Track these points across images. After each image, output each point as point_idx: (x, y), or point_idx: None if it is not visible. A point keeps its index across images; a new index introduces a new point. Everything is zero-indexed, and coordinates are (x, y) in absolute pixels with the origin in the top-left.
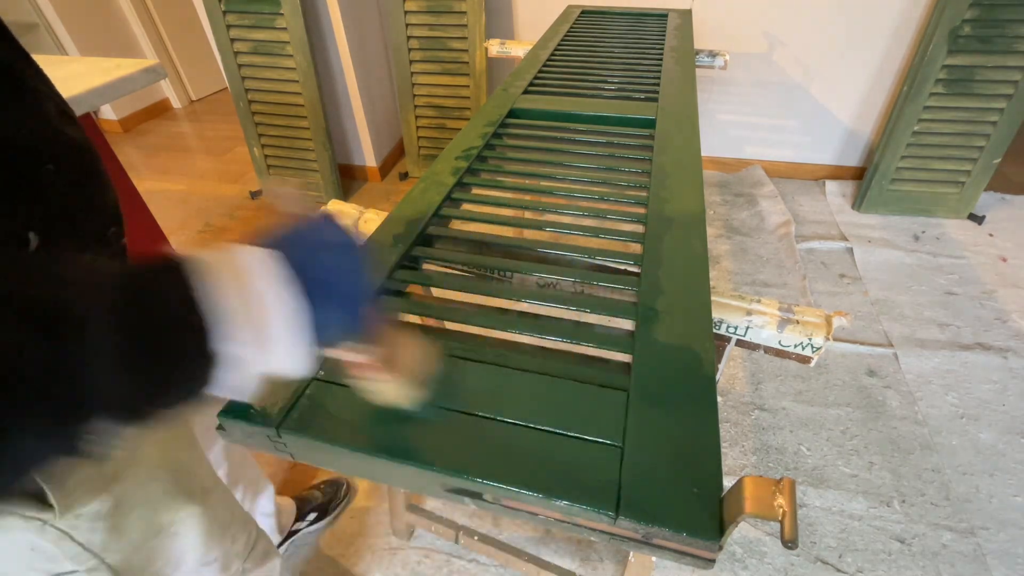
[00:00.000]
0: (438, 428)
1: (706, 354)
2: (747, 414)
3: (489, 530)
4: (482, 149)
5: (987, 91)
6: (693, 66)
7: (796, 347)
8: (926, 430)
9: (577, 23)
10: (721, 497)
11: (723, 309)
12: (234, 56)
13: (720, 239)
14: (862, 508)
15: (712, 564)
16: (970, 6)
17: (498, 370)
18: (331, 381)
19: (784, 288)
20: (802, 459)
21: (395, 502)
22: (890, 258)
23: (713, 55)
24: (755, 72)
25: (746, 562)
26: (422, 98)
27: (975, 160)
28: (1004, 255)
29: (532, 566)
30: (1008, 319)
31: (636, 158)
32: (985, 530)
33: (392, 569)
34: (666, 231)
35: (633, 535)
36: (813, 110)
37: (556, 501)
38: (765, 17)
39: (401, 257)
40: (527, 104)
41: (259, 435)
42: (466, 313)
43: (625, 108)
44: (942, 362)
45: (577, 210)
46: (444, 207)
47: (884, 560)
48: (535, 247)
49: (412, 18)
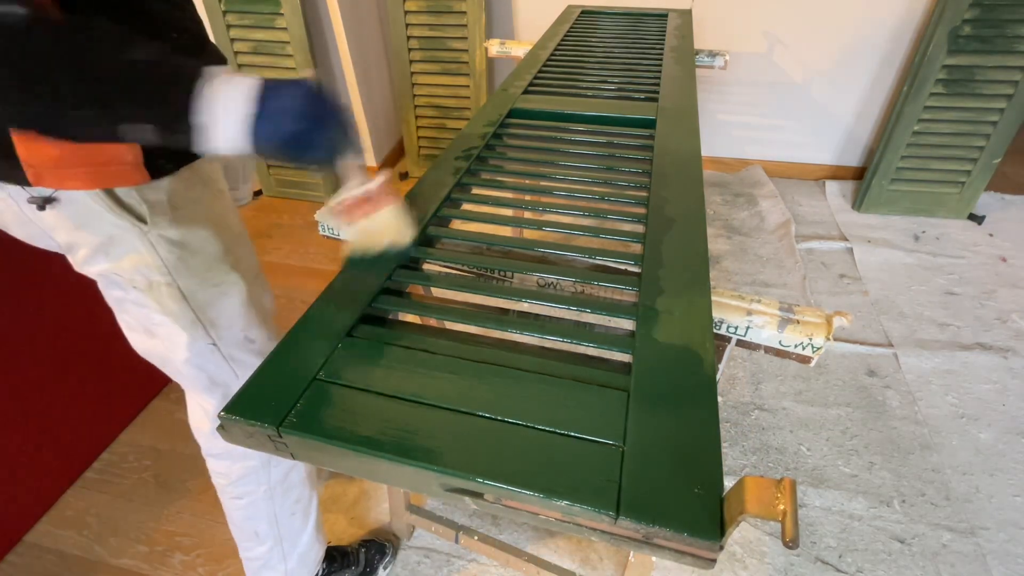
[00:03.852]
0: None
1: (706, 354)
2: (747, 414)
3: (489, 530)
4: (482, 149)
5: (987, 91)
6: (693, 66)
7: (796, 347)
8: (926, 430)
9: (577, 23)
10: (722, 497)
11: (723, 309)
12: (234, 56)
13: (720, 239)
14: (862, 508)
15: (713, 564)
16: (970, 6)
17: (498, 370)
18: (332, 381)
19: (784, 288)
20: (802, 459)
21: (395, 502)
22: (890, 258)
23: (713, 55)
24: (755, 72)
25: (746, 562)
26: (422, 98)
27: (975, 160)
28: (1004, 255)
29: (532, 566)
30: (1008, 319)
31: (636, 158)
32: (985, 530)
33: (392, 569)
34: (666, 231)
35: (634, 535)
36: (813, 110)
37: (556, 501)
38: (765, 17)
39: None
40: (527, 104)
41: (260, 434)
42: (466, 313)
43: (625, 108)
44: (942, 362)
45: (577, 210)
46: (444, 207)
47: (884, 560)
48: (535, 247)
49: (412, 18)
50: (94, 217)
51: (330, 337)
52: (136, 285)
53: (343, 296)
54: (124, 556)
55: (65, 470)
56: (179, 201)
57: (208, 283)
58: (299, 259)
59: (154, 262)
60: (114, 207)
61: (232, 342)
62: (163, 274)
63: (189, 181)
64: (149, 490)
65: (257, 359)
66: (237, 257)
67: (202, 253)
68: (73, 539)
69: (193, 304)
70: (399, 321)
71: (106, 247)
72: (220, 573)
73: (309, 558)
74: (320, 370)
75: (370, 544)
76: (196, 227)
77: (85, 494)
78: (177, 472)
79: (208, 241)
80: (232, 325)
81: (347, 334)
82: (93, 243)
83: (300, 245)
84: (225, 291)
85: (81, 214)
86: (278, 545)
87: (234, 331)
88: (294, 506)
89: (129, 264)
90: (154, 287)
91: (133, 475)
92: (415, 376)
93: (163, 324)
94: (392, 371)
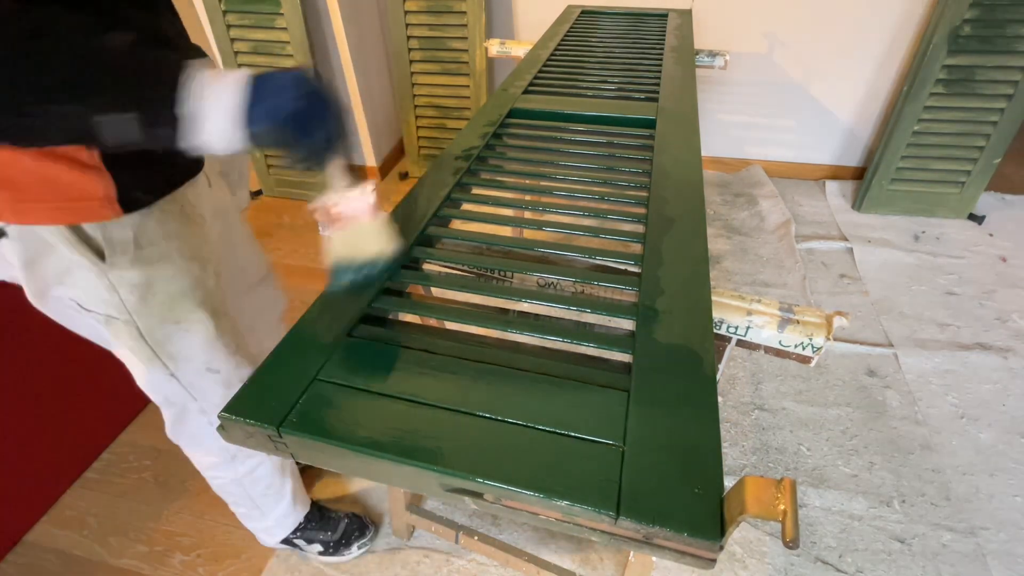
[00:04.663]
0: (438, 428)
1: (706, 354)
2: (747, 414)
3: (489, 530)
4: (482, 149)
5: (987, 91)
6: (693, 66)
7: (796, 347)
8: (926, 430)
9: (577, 23)
10: (722, 497)
11: (723, 309)
12: (234, 56)
13: (720, 239)
14: (862, 508)
15: (713, 564)
16: (970, 6)
17: (498, 370)
18: (331, 381)
19: (784, 288)
20: (802, 459)
21: (395, 502)
22: (890, 258)
23: (713, 55)
24: (755, 72)
25: (746, 562)
26: (422, 98)
27: (975, 160)
28: (1004, 255)
29: (532, 566)
30: (1008, 319)
31: (636, 158)
32: (985, 530)
33: (392, 569)
34: (666, 231)
35: (634, 535)
36: (813, 110)
37: (556, 501)
38: (765, 17)
39: (401, 257)
40: (527, 104)
41: (260, 435)
42: (466, 313)
43: (625, 108)
44: (942, 362)
45: (577, 210)
46: (444, 207)
47: (884, 560)
48: (535, 247)
49: (412, 18)
50: (47, 251)
51: (330, 337)
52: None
53: (343, 296)
54: (124, 556)
55: (65, 470)
56: (148, 239)
57: (169, 321)
58: (299, 259)
59: (112, 300)
60: (72, 239)
61: (192, 372)
62: (120, 312)
63: (166, 214)
64: (149, 490)
65: (221, 388)
66: (209, 291)
67: (165, 292)
68: (73, 539)
69: (151, 341)
70: (399, 321)
71: (61, 277)
72: (220, 573)
73: (287, 521)
74: (320, 370)
75: (353, 518)
76: (162, 265)
77: (85, 494)
78: (177, 472)
79: (173, 280)
80: (193, 359)
81: (347, 334)
82: (45, 277)
83: (300, 245)
84: (188, 328)
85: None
86: (255, 509)
87: (195, 364)
88: (266, 490)
89: (85, 296)
90: (110, 322)
91: (133, 475)
92: (415, 376)
93: (119, 350)
94: (392, 371)
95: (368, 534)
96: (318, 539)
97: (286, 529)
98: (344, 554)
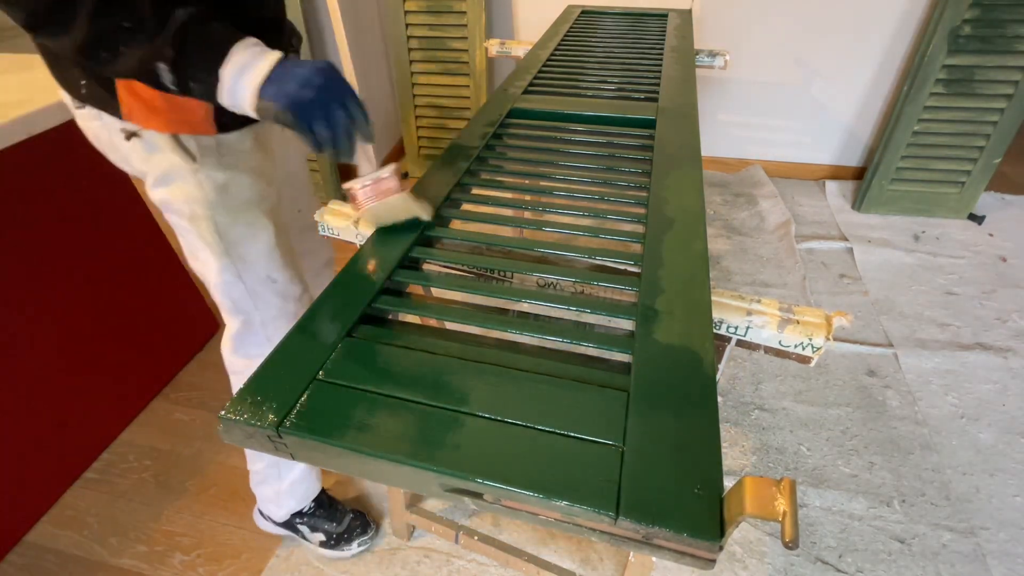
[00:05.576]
0: (438, 428)
1: (706, 354)
2: (747, 414)
3: (489, 530)
4: (482, 149)
5: (987, 91)
6: (693, 66)
7: (796, 347)
8: (926, 430)
9: (577, 23)
10: (722, 497)
11: (723, 309)
12: None
13: (720, 239)
14: (862, 508)
15: (713, 564)
16: (970, 6)
17: (498, 370)
18: (331, 381)
19: (784, 288)
20: (802, 459)
21: (395, 502)
22: (890, 258)
23: (713, 55)
24: (755, 72)
25: (746, 562)
26: (422, 98)
27: (975, 160)
28: (1004, 255)
29: (532, 566)
30: (1008, 319)
31: (636, 158)
32: (985, 530)
33: (392, 569)
34: (666, 231)
35: (634, 535)
36: (813, 110)
37: (556, 501)
38: (765, 17)
39: (401, 257)
40: (527, 104)
41: (260, 435)
42: (466, 313)
43: (625, 108)
44: (942, 362)
45: (577, 210)
46: (444, 207)
47: (884, 560)
48: (535, 247)
49: (412, 18)
50: (158, 151)
51: (330, 337)
52: (184, 215)
53: (343, 296)
54: (124, 556)
55: (65, 470)
56: (227, 149)
57: (240, 222)
58: None
59: (199, 196)
60: (174, 146)
61: (255, 278)
62: (204, 207)
63: (243, 137)
64: (149, 490)
65: (278, 299)
66: (272, 206)
67: (238, 196)
68: (73, 539)
69: (225, 239)
70: (399, 321)
71: (166, 178)
72: (220, 573)
73: (299, 490)
74: (320, 370)
75: (358, 514)
76: (238, 173)
77: (85, 494)
78: (177, 472)
79: (247, 187)
80: (257, 263)
81: (347, 334)
82: (156, 173)
83: None
84: (255, 233)
85: (150, 147)
86: (274, 467)
87: (258, 269)
88: None
89: (180, 194)
90: (196, 219)
91: (133, 475)
92: (415, 376)
93: (202, 250)
94: (392, 371)
95: (369, 532)
96: (322, 528)
97: (298, 500)
98: (344, 549)
